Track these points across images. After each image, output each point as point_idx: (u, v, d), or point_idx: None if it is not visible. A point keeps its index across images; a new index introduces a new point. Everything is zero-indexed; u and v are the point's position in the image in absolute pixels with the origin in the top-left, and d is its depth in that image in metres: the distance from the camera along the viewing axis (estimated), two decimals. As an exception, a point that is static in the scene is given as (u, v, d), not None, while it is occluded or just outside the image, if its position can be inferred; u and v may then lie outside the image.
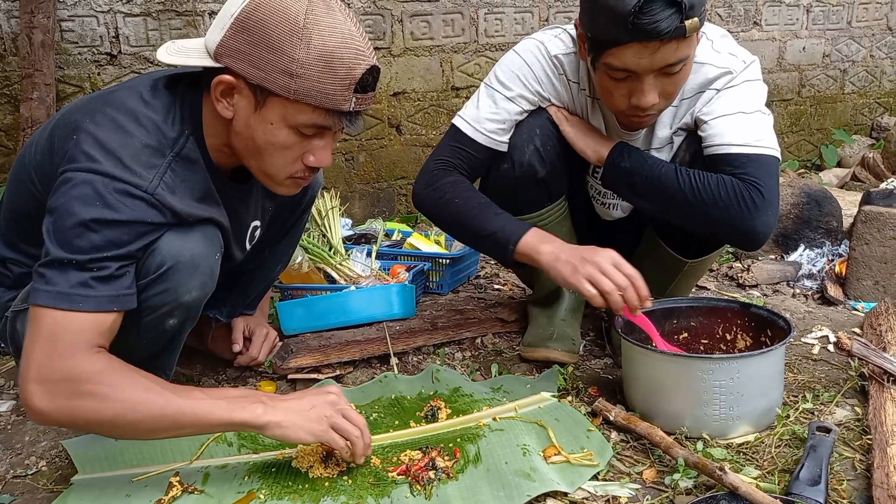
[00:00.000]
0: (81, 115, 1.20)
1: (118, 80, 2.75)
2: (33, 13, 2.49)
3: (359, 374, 1.74)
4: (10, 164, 2.66)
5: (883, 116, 4.17)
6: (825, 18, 3.88)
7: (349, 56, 1.14)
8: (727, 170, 1.43)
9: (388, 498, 1.22)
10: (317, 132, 1.21)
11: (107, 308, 1.13)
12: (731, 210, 1.41)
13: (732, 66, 1.49)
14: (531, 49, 1.57)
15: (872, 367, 1.52)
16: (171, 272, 1.20)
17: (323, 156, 1.25)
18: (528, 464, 1.28)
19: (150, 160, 1.17)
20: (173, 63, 1.23)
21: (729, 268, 2.46)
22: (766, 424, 1.42)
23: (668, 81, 1.38)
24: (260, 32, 1.13)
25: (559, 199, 1.70)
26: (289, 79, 1.13)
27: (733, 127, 1.45)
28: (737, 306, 1.61)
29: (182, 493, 1.23)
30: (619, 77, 1.37)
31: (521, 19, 3.27)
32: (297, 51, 1.12)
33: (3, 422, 1.54)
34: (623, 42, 1.30)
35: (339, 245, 2.25)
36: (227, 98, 1.19)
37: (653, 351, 1.42)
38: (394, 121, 3.19)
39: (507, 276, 2.49)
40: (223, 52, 1.16)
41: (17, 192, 1.30)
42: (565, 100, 1.60)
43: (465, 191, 1.56)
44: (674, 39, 1.28)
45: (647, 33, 1.26)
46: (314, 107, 1.16)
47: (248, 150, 1.24)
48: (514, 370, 1.74)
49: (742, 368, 1.34)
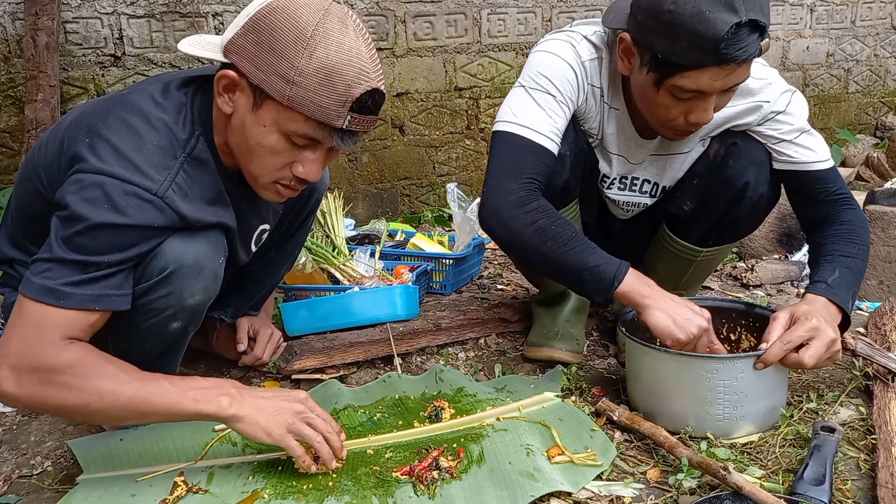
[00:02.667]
0: (93, 117, 1.21)
1: (122, 82, 2.76)
2: (38, 15, 2.50)
3: (362, 375, 1.74)
4: (16, 166, 2.70)
5: (887, 116, 4.16)
6: (829, 18, 3.88)
7: (351, 74, 1.14)
8: (817, 186, 1.56)
9: (392, 498, 1.22)
10: (308, 144, 1.21)
11: (89, 307, 1.13)
12: (869, 237, 1.56)
13: (769, 77, 1.53)
14: (570, 53, 1.52)
15: (877, 366, 1.52)
16: (174, 276, 1.21)
17: (311, 169, 1.23)
18: (531, 464, 1.28)
19: (162, 161, 1.18)
20: (188, 52, 1.24)
21: (733, 267, 2.46)
22: (770, 424, 1.42)
23: (724, 98, 1.40)
24: (268, 35, 1.13)
25: (572, 202, 1.70)
26: (285, 84, 1.13)
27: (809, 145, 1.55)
28: (741, 306, 1.61)
29: (186, 493, 1.23)
30: (684, 97, 1.36)
31: (524, 20, 3.28)
32: (299, 58, 1.12)
33: (8, 422, 1.54)
34: (705, 66, 1.29)
35: (343, 245, 2.25)
36: (229, 93, 1.20)
37: (657, 350, 1.42)
38: (397, 121, 3.20)
39: (510, 276, 2.49)
40: (231, 48, 1.17)
41: (25, 194, 1.31)
42: (587, 105, 1.58)
43: (559, 218, 1.45)
44: (749, 61, 1.30)
45: (734, 59, 1.27)
46: (306, 117, 1.15)
47: (240, 148, 1.24)
48: (517, 370, 1.74)
49: (746, 368, 1.34)
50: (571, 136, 1.58)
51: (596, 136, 1.63)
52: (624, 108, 1.57)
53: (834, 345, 1.34)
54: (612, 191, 1.72)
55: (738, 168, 1.58)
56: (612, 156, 1.65)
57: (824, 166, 1.55)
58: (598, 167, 1.68)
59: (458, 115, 3.27)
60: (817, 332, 1.34)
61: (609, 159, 1.66)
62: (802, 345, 1.34)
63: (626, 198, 1.73)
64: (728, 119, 1.56)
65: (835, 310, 1.42)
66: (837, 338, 1.36)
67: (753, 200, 1.60)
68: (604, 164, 1.67)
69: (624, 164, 1.66)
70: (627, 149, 1.63)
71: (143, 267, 1.19)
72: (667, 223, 1.76)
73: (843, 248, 1.50)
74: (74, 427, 1.51)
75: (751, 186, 1.58)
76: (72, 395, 1.13)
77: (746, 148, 1.57)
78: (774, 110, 1.53)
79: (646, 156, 1.64)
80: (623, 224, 1.83)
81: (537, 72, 1.51)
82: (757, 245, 2.56)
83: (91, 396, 1.13)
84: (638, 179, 1.69)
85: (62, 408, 1.16)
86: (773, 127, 1.55)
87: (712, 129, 1.59)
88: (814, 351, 1.32)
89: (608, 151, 1.64)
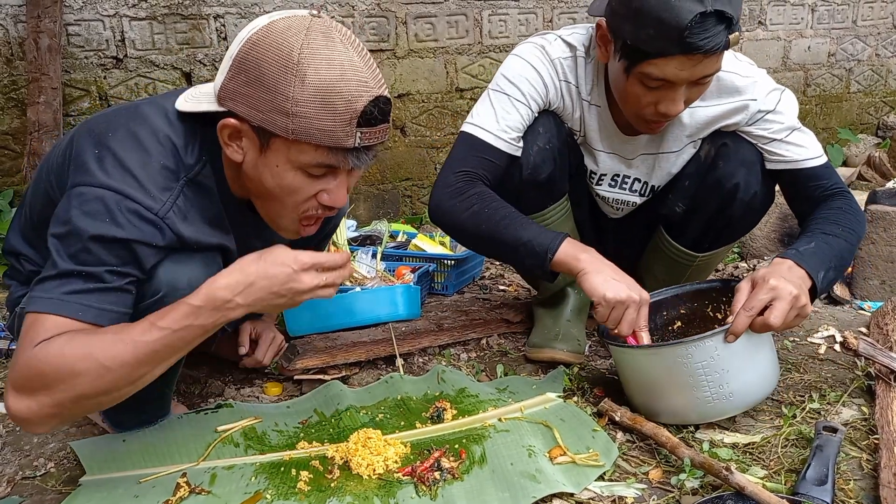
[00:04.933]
0: (104, 126, 1.19)
1: (124, 84, 2.77)
2: (40, 18, 2.51)
3: (364, 375, 1.74)
4: (18, 168, 2.71)
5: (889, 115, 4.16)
6: (830, 17, 3.87)
7: (349, 88, 1.08)
8: (812, 183, 1.55)
9: (394, 498, 1.22)
10: (326, 171, 1.16)
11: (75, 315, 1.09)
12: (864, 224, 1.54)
13: (756, 76, 1.53)
14: (534, 53, 1.58)
15: (879, 366, 1.52)
16: (167, 300, 1.17)
17: (337, 195, 1.19)
18: (533, 465, 1.28)
19: (165, 182, 1.15)
20: (184, 110, 1.19)
21: (735, 267, 2.46)
22: (768, 392, 1.41)
23: (695, 91, 1.40)
24: (255, 72, 1.08)
25: (561, 198, 1.70)
26: (285, 118, 1.08)
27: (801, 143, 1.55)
28: (718, 284, 1.59)
29: (189, 494, 1.24)
30: (652, 86, 1.38)
31: (525, 20, 3.28)
32: (292, 88, 1.07)
33: (11, 424, 1.55)
34: (669, 54, 1.30)
35: (345, 246, 2.25)
36: (236, 141, 1.16)
37: (629, 348, 1.42)
38: (398, 122, 3.20)
39: (511, 277, 2.49)
40: (224, 94, 1.13)
41: (36, 192, 1.30)
42: (565, 103, 1.61)
43: (494, 200, 1.51)
44: (718, 52, 1.30)
45: (698, 48, 1.27)
46: (315, 146, 1.10)
47: (259, 193, 1.21)
48: (519, 371, 1.74)
49: (719, 345, 1.32)
50: (552, 131, 1.60)
51: (579, 133, 1.65)
52: (605, 105, 1.59)
53: (798, 300, 1.31)
54: (602, 187, 1.72)
55: (728, 169, 1.58)
56: (596, 152, 1.66)
57: (817, 163, 1.55)
58: (586, 163, 1.69)
59: (459, 116, 3.27)
60: (777, 290, 1.31)
61: (594, 156, 1.67)
62: (767, 308, 1.31)
63: (615, 195, 1.73)
64: (714, 119, 1.56)
65: (801, 272, 1.37)
66: (801, 293, 1.32)
67: (745, 201, 1.60)
68: (589, 160, 1.69)
69: (612, 161, 1.67)
70: (612, 145, 1.64)
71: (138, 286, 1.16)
72: (663, 226, 1.76)
73: (826, 227, 1.48)
74: (77, 428, 1.51)
75: (741, 187, 1.58)
76: (78, 382, 1.06)
77: (737, 149, 1.57)
78: (762, 109, 1.53)
79: (634, 153, 1.65)
80: (616, 224, 1.83)
81: (500, 74, 1.59)
82: (758, 245, 2.55)
83: (96, 372, 1.06)
84: (629, 178, 1.70)
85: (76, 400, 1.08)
86: (764, 127, 1.55)
87: (698, 129, 1.59)
88: (778, 311, 1.30)
89: (592, 148, 1.66)
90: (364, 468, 1.28)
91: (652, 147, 1.63)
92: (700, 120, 1.57)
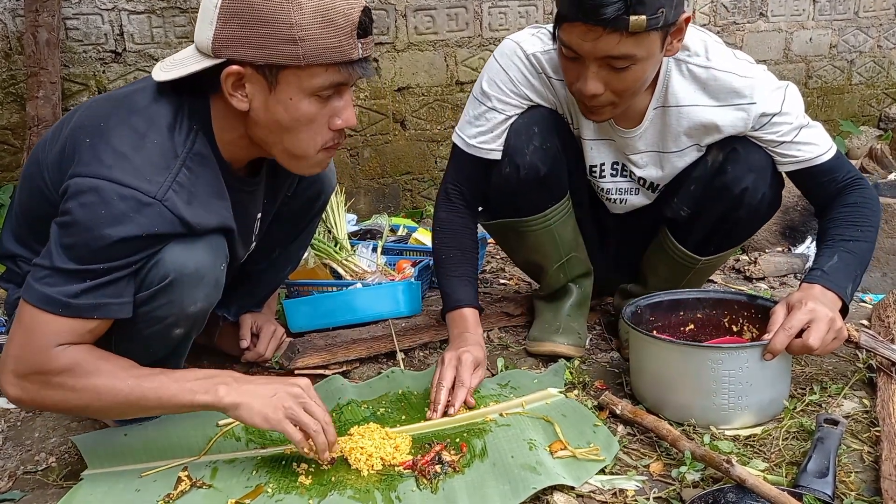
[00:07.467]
0: (95, 116, 1.19)
1: (123, 78, 2.76)
2: (38, 12, 2.50)
3: (365, 370, 1.74)
4: (18, 163, 2.70)
5: (891, 107, 4.14)
6: (832, 9, 3.85)
7: (341, 3, 1.13)
8: (825, 178, 1.54)
9: (395, 492, 1.22)
10: (335, 92, 1.20)
11: (87, 315, 1.14)
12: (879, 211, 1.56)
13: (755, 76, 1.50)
14: (506, 52, 1.57)
15: (880, 358, 1.51)
16: (174, 284, 1.19)
17: (348, 115, 1.23)
18: (534, 458, 1.29)
19: (163, 160, 1.16)
20: (172, 78, 1.20)
21: (736, 261, 2.45)
22: (772, 415, 1.42)
23: (614, 77, 1.37)
24: (250, 11, 1.11)
25: (563, 198, 1.69)
26: (294, 46, 1.11)
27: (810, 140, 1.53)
28: (743, 298, 1.61)
29: (191, 488, 1.24)
30: (569, 56, 1.39)
31: (525, 13, 3.26)
32: (293, 15, 1.10)
33: (12, 418, 1.55)
34: (571, 19, 1.32)
35: (345, 241, 2.25)
36: (240, 90, 1.17)
37: (662, 341, 1.42)
38: (398, 116, 3.19)
39: (512, 270, 2.49)
40: (220, 44, 1.14)
41: (30, 192, 1.30)
42: (549, 98, 1.60)
43: (446, 235, 1.69)
44: (617, 31, 1.28)
45: (587, 12, 1.28)
46: (326, 66, 1.14)
47: (274, 135, 1.22)
48: (520, 364, 1.74)
49: (751, 358, 1.34)
50: (548, 129, 1.60)
51: (573, 126, 1.65)
52: None
53: (835, 324, 1.35)
54: (605, 180, 1.70)
55: (736, 174, 1.55)
56: (590, 142, 1.65)
57: (828, 157, 1.53)
58: (585, 158, 1.68)
59: (459, 110, 3.26)
60: (815, 314, 1.34)
61: (590, 146, 1.66)
62: (805, 330, 1.34)
63: (617, 184, 1.70)
64: (713, 123, 1.52)
65: (832, 296, 1.41)
66: (837, 317, 1.36)
67: (753, 206, 1.58)
68: (588, 153, 1.67)
69: (608, 148, 1.65)
70: (604, 131, 1.62)
71: (143, 274, 1.17)
72: (667, 227, 1.74)
73: (845, 231, 1.50)
74: (78, 423, 1.51)
75: (749, 192, 1.55)
76: (72, 395, 1.16)
77: (747, 154, 1.54)
78: (767, 112, 1.49)
79: (632, 142, 1.61)
80: (619, 223, 1.81)
81: (480, 76, 1.63)
82: (760, 238, 2.55)
83: (90, 395, 1.16)
84: (627, 168, 1.68)
85: (64, 408, 1.23)
86: (772, 131, 1.51)
87: (696, 130, 1.55)
88: (816, 332, 1.33)
89: (585, 139, 1.65)
90: (363, 462, 1.28)
91: (652, 146, 1.61)
92: (695, 120, 1.53)
